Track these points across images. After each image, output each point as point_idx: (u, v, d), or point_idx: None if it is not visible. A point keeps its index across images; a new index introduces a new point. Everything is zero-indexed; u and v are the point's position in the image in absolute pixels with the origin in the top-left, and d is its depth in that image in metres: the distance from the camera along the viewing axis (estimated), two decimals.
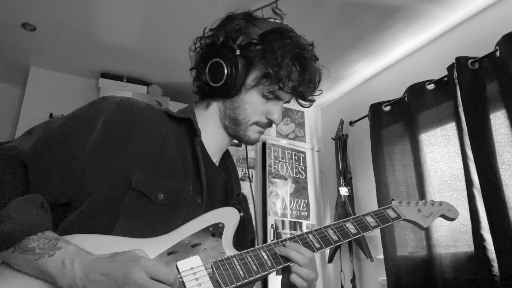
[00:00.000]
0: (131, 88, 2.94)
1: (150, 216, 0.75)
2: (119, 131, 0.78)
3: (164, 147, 0.82)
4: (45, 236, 0.66)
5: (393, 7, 2.17)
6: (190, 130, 0.89)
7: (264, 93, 0.90)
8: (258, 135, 0.94)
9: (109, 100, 0.84)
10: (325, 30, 2.37)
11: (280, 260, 0.78)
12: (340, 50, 2.59)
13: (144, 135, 0.80)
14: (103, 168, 0.75)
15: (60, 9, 2.21)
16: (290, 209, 2.96)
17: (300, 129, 3.34)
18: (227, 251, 0.77)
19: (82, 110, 0.83)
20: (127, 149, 0.77)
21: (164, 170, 0.79)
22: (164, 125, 0.86)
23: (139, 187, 0.75)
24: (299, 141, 3.28)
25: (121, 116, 0.80)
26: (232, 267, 0.73)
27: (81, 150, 0.76)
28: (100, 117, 0.79)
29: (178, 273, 0.68)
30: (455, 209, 1.10)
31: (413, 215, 1.02)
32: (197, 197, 0.83)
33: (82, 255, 0.65)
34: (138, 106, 0.84)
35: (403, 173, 2.30)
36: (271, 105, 0.92)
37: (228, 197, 0.94)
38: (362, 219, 0.94)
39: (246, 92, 0.90)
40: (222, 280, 0.70)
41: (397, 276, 2.16)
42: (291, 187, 3.04)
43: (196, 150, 0.86)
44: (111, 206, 0.73)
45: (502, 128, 1.82)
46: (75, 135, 0.77)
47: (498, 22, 2.02)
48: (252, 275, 0.73)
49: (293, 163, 3.12)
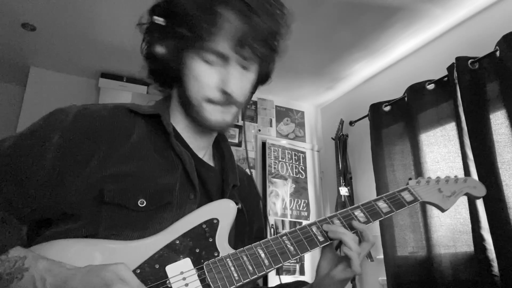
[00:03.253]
0: (131, 88, 2.94)
1: (134, 225, 0.69)
2: (78, 146, 0.70)
3: (138, 149, 0.74)
4: (9, 258, 0.61)
5: (393, 7, 2.17)
6: (162, 126, 0.79)
7: (200, 56, 0.75)
8: (219, 115, 0.79)
9: (65, 112, 0.74)
10: (325, 30, 2.37)
11: (278, 258, 0.71)
12: (340, 50, 2.58)
13: (111, 143, 0.72)
14: (71, 186, 0.68)
15: (60, 9, 2.20)
16: (290, 209, 2.96)
17: (300, 129, 3.34)
18: (221, 251, 0.70)
19: (35, 126, 0.73)
20: (93, 162, 0.70)
21: (142, 173, 0.72)
22: (134, 125, 0.77)
23: (113, 199, 0.68)
24: (299, 141, 3.28)
25: (80, 129, 0.72)
26: (225, 269, 0.67)
27: (38, 171, 0.68)
28: (54, 132, 0.71)
29: (167, 279, 0.64)
30: (481, 185, 0.97)
31: (432, 196, 0.91)
32: (189, 193, 0.76)
33: (54, 271, 0.60)
34: (99, 114, 0.75)
35: (403, 173, 2.30)
36: (222, 73, 0.77)
37: (224, 190, 0.85)
38: (373, 205, 0.84)
39: (186, 66, 0.77)
40: (214, 285, 0.65)
41: (397, 276, 2.16)
42: (291, 187, 3.04)
43: (173, 145, 0.77)
44: (91, 224, 0.68)
45: (502, 128, 1.82)
46: (28, 156, 0.69)
47: (498, 22, 2.02)
48: (248, 277, 0.67)
49: (293, 163, 3.12)
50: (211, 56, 0.75)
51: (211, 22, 0.71)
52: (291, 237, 0.76)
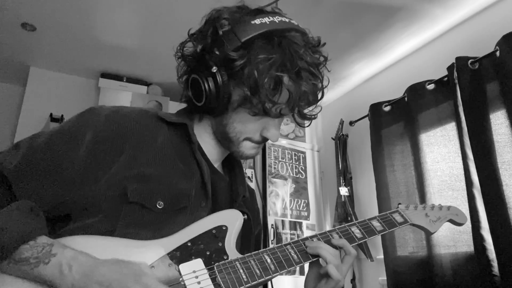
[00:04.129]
0: (131, 88, 2.94)
1: (150, 225, 0.73)
2: (109, 145, 0.74)
3: (162, 154, 0.78)
4: (38, 243, 0.63)
5: (393, 7, 2.17)
6: (187, 135, 0.84)
7: (251, 113, 0.79)
8: (254, 151, 0.86)
9: (98, 112, 0.79)
10: (325, 30, 2.37)
11: (283, 264, 0.76)
12: (340, 50, 2.59)
13: (138, 145, 0.76)
14: (97, 183, 0.72)
15: (60, 9, 2.21)
16: (290, 209, 2.96)
17: (300, 129, 3.34)
18: (230, 255, 0.75)
19: (68, 124, 0.78)
20: (120, 162, 0.74)
21: (163, 177, 0.76)
22: (160, 131, 0.82)
23: (135, 198, 0.72)
24: (299, 141, 3.28)
25: (110, 130, 0.76)
26: (234, 270, 0.72)
27: (70, 167, 0.72)
28: (87, 131, 0.75)
29: (180, 276, 0.68)
30: (463, 213, 1.07)
31: (420, 220, 0.99)
32: (201, 200, 0.80)
33: (80, 259, 0.63)
34: (129, 116, 0.79)
35: (403, 173, 2.30)
36: (267, 121, 0.83)
37: (233, 199, 0.90)
38: (368, 224, 0.90)
39: (234, 110, 0.80)
40: (224, 284, 0.69)
41: (397, 276, 2.16)
42: (291, 187, 3.04)
43: (195, 155, 0.82)
44: (109, 219, 0.71)
45: (502, 128, 1.82)
46: (61, 151, 0.73)
47: (498, 22, 2.02)
48: (255, 279, 0.71)
49: (293, 163, 3.12)
50: (259, 113, 0.79)
51: (271, 97, 0.76)
52: (294, 246, 0.81)
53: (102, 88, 2.87)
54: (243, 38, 0.75)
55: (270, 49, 0.75)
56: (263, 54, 0.74)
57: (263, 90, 0.74)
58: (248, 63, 0.75)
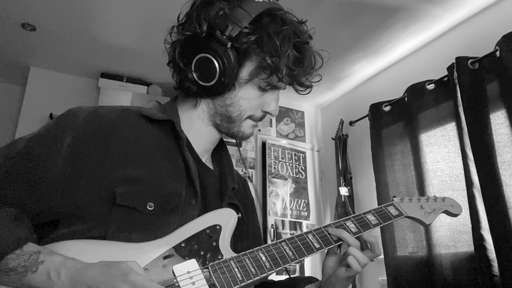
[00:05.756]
0: (131, 88, 2.94)
1: (141, 227, 0.72)
2: (90, 148, 0.72)
3: (149, 154, 0.77)
4: (24, 252, 0.62)
5: (393, 7, 2.17)
6: (174, 132, 0.82)
7: (261, 86, 0.82)
8: (252, 129, 0.88)
9: (76, 114, 0.76)
10: (325, 30, 2.37)
11: (278, 262, 0.76)
12: (340, 50, 2.59)
13: (122, 145, 0.75)
14: (81, 188, 0.70)
15: (60, 9, 2.20)
16: (290, 209, 2.96)
17: (300, 129, 3.34)
18: (224, 254, 0.75)
19: (46, 128, 0.75)
20: (105, 165, 0.72)
21: (151, 178, 0.74)
22: (144, 129, 0.80)
23: (124, 201, 0.70)
24: (299, 141, 3.28)
25: (90, 132, 0.74)
26: (229, 269, 0.71)
27: (50, 173, 0.70)
28: (66, 135, 0.73)
29: (174, 277, 0.67)
30: (458, 204, 1.06)
31: (415, 212, 0.98)
32: (191, 198, 0.79)
33: (68, 264, 0.62)
34: (110, 117, 0.77)
35: (403, 173, 2.30)
36: (267, 96, 0.86)
37: (222, 192, 0.88)
38: (363, 217, 0.91)
39: (241, 87, 0.82)
40: (219, 284, 0.68)
41: (397, 276, 2.16)
42: (291, 187, 3.04)
43: (184, 152, 0.80)
44: (100, 225, 0.69)
45: (502, 128, 1.82)
46: (40, 158, 0.70)
47: (498, 22, 2.02)
48: (250, 278, 0.71)
49: (293, 163, 3.12)
50: (267, 87, 0.83)
51: (288, 62, 0.80)
52: (289, 243, 0.81)
53: (102, 88, 2.86)
54: (254, 14, 0.79)
55: (277, 22, 0.81)
56: (274, 27, 0.79)
57: (284, 56, 0.78)
58: (262, 36, 0.78)
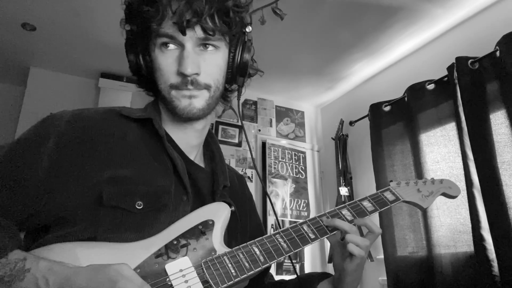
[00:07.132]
0: (131, 88, 2.94)
1: (132, 227, 0.70)
2: (74, 150, 0.71)
3: (134, 153, 0.76)
4: (9, 261, 0.61)
5: (393, 7, 2.17)
6: (155, 130, 0.81)
7: (156, 44, 0.78)
8: (187, 101, 0.79)
9: (59, 117, 0.76)
10: (325, 30, 2.37)
11: (273, 255, 0.75)
12: (340, 50, 2.58)
13: (106, 146, 0.74)
14: (67, 191, 0.69)
15: (60, 9, 2.21)
16: (290, 209, 2.96)
17: (300, 129, 3.34)
18: (218, 250, 0.73)
19: (29, 133, 0.74)
20: (90, 166, 0.71)
21: (139, 176, 0.74)
22: (129, 129, 0.79)
23: (112, 202, 0.69)
24: (299, 141, 3.28)
25: (74, 135, 0.73)
26: (223, 266, 0.70)
27: (33, 177, 0.69)
28: (49, 138, 0.72)
29: (167, 277, 0.66)
30: (456, 186, 1.04)
31: (412, 196, 0.96)
32: (182, 195, 0.78)
33: (56, 270, 0.60)
34: (93, 118, 0.77)
35: (403, 173, 2.30)
36: (176, 57, 0.78)
37: (214, 190, 0.87)
38: (359, 204, 0.89)
39: (152, 61, 0.81)
40: (213, 281, 0.67)
41: (397, 276, 2.16)
42: (291, 187, 3.04)
43: (166, 149, 0.79)
44: (89, 227, 0.68)
45: (502, 128, 1.82)
46: (23, 162, 0.70)
47: (498, 22, 2.02)
48: (244, 273, 0.70)
49: (293, 163, 3.12)
50: (164, 41, 0.77)
51: (153, 12, 0.75)
52: (283, 235, 0.80)
53: (102, 88, 2.87)
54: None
55: None
56: None
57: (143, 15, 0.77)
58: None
